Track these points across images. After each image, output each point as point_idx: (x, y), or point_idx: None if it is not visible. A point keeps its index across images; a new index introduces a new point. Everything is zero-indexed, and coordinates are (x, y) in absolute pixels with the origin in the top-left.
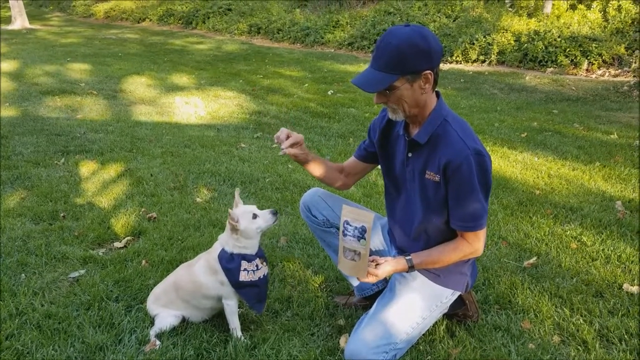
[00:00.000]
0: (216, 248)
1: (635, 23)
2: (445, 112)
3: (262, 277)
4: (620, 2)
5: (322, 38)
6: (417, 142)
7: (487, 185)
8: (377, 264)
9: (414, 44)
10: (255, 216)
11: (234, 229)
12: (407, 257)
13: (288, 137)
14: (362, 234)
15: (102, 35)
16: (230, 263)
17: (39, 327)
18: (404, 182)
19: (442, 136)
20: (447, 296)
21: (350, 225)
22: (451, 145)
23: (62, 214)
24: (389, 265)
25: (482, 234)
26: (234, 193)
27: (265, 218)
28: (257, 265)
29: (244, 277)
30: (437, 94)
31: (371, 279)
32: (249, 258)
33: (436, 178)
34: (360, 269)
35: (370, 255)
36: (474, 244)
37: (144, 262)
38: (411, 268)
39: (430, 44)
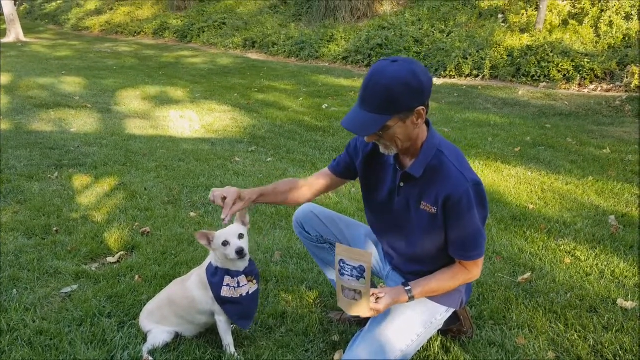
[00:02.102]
0: (207, 262)
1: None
2: (438, 142)
3: (244, 294)
4: (612, 18)
5: (317, 52)
6: (412, 175)
7: (486, 212)
8: (377, 298)
9: (404, 82)
10: (226, 243)
11: (207, 244)
12: (407, 288)
13: (223, 197)
14: (361, 273)
15: (96, 49)
16: (214, 277)
17: (31, 344)
18: (391, 209)
19: (438, 168)
20: (442, 313)
21: (348, 265)
22: (450, 179)
23: (55, 229)
24: (389, 298)
25: (480, 261)
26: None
27: (230, 248)
28: (238, 282)
29: (225, 292)
30: (427, 122)
31: (373, 314)
32: (232, 274)
33: (432, 210)
34: (362, 307)
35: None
36: (473, 271)
37: (137, 277)
38: (411, 298)
39: (421, 80)
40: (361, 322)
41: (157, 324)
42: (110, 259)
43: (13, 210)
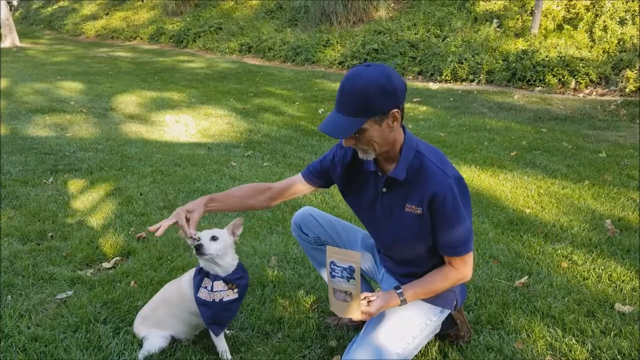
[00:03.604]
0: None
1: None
2: (415, 143)
3: (217, 300)
4: (606, 23)
5: (313, 57)
6: (396, 179)
7: (469, 205)
8: (369, 301)
9: (379, 85)
10: (198, 239)
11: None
12: (399, 291)
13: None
14: (350, 274)
15: (92, 54)
16: (196, 277)
17: (25, 351)
18: (374, 215)
19: (420, 169)
20: (437, 314)
21: (338, 266)
22: (433, 178)
23: (50, 234)
24: (381, 301)
25: (468, 258)
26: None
27: (192, 244)
28: (212, 287)
29: (201, 294)
30: (402, 126)
31: (365, 317)
32: (211, 277)
33: (418, 211)
34: (353, 309)
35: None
36: (462, 270)
37: (132, 283)
38: (403, 301)
39: (394, 83)
40: (358, 327)
41: (152, 327)
42: (105, 265)
43: (8, 216)
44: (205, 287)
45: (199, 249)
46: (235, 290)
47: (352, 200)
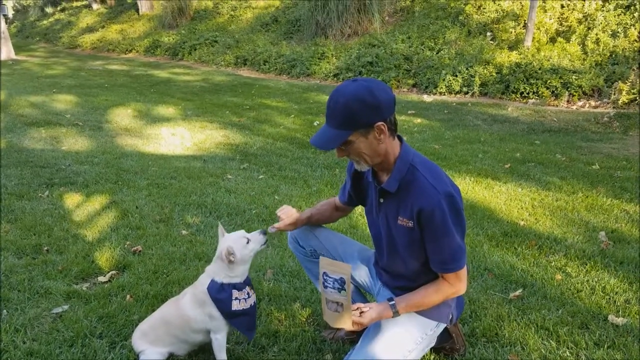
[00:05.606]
0: (203, 280)
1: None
2: (411, 157)
3: (252, 304)
4: (599, 36)
5: (308, 69)
6: (387, 190)
7: (462, 224)
8: (361, 312)
9: (360, 99)
10: (248, 241)
11: (231, 261)
12: (391, 303)
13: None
14: (342, 285)
15: (88, 67)
16: (220, 294)
17: None
18: (378, 226)
19: (411, 183)
20: (432, 328)
21: (330, 277)
22: (422, 192)
23: (45, 248)
24: (373, 312)
25: (462, 274)
26: (217, 228)
27: (256, 240)
28: (247, 293)
29: (236, 306)
30: (400, 139)
31: (357, 328)
32: (239, 287)
33: (409, 224)
34: (345, 319)
35: (354, 302)
36: (456, 285)
37: (128, 297)
38: (396, 313)
39: (377, 97)
40: (354, 340)
41: (151, 344)
42: (101, 279)
43: (3, 230)
44: (237, 299)
45: (265, 232)
46: (253, 290)
47: (365, 209)
